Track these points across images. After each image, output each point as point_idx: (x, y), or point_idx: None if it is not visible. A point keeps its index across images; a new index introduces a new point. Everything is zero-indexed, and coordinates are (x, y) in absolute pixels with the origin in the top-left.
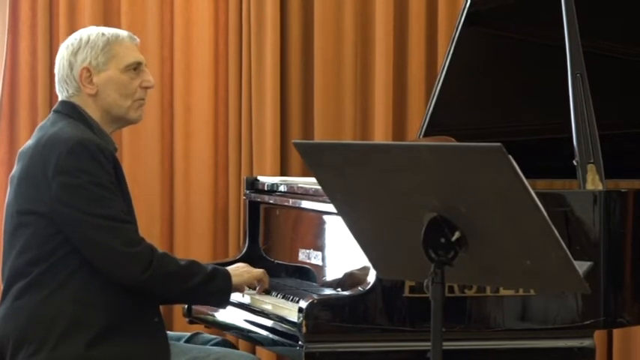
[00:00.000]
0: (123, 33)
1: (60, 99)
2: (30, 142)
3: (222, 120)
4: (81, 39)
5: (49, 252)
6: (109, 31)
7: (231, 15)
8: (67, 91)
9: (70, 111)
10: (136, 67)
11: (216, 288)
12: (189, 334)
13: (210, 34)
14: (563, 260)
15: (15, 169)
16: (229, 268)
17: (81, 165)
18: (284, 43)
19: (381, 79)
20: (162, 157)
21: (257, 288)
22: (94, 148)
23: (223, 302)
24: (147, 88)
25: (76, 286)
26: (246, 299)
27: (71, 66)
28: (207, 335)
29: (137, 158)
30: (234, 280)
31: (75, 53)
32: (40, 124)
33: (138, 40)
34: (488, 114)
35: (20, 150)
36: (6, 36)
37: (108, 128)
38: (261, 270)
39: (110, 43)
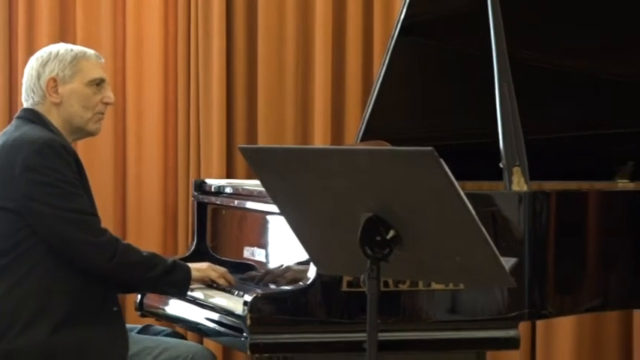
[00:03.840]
0: (90, 51)
1: (25, 105)
2: None
3: (171, 126)
4: (50, 52)
5: (14, 245)
6: (78, 48)
7: (180, 27)
8: (33, 99)
9: (33, 117)
10: (99, 83)
11: (175, 279)
12: (140, 326)
13: (160, 46)
14: (491, 257)
15: None
16: (192, 264)
17: (48, 163)
18: (229, 53)
19: (320, 87)
20: (116, 161)
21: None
22: (60, 147)
23: (182, 293)
24: (107, 103)
25: (39, 277)
26: (194, 293)
27: (39, 76)
28: (157, 327)
29: (92, 161)
30: (194, 274)
31: (44, 65)
32: (3, 130)
33: (103, 59)
34: (422, 120)
35: None
36: None
37: (68, 138)
38: (223, 268)
39: (77, 58)
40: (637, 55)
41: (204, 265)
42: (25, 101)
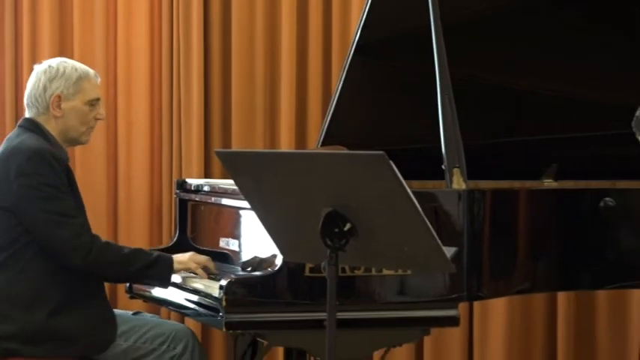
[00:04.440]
0: (91, 72)
1: (26, 114)
2: None
3: (156, 132)
4: (57, 69)
5: (12, 241)
6: (81, 68)
7: (164, 48)
8: (37, 108)
9: (32, 126)
10: (95, 102)
11: (156, 273)
12: (132, 312)
13: (147, 63)
14: (434, 246)
15: None
16: (176, 255)
17: (37, 169)
18: (207, 70)
19: (286, 98)
20: (108, 163)
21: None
22: (48, 156)
23: (164, 284)
24: (99, 119)
25: (35, 269)
26: (176, 279)
27: (45, 89)
28: (147, 315)
29: (87, 164)
30: (176, 266)
31: (51, 80)
32: (7, 136)
33: (99, 78)
34: (375, 127)
35: None
36: None
37: (62, 145)
38: (204, 257)
39: (81, 79)
40: (558, 73)
41: (185, 256)
42: (28, 107)
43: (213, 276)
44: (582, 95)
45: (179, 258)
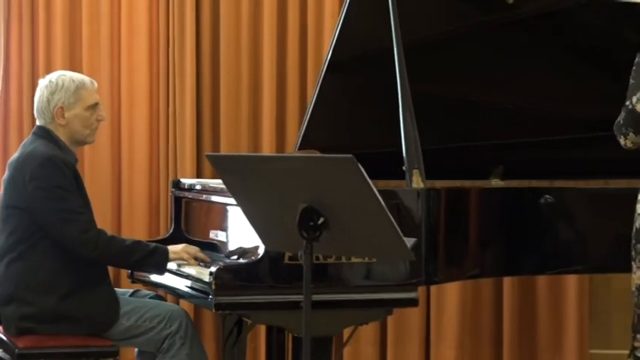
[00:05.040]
0: (86, 80)
1: (37, 123)
2: (15, 155)
3: (155, 138)
4: (57, 83)
5: (29, 235)
6: (78, 78)
7: (161, 66)
8: (44, 119)
9: (44, 134)
10: (94, 106)
11: (153, 262)
12: (131, 290)
13: (146, 78)
14: (396, 238)
15: (5, 175)
16: (171, 246)
17: (47, 174)
18: (198, 87)
19: (267, 108)
20: (112, 165)
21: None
22: (58, 161)
23: (160, 272)
24: (100, 120)
25: (49, 260)
26: (172, 266)
27: (49, 102)
28: (144, 291)
29: (94, 166)
30: (171, 256)
31: (52, 93)
32: (23, 142)
33: (96, 84)
34: (345, 134)
35: (9, 161)
36: (0, 80)
37: (72, 147)
38: (195, 248)
39: (79, 89)
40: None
41: (179, 247)
42: (38, 118)
43: (203, 264)
44: (526, 106)
45: (173, 249)
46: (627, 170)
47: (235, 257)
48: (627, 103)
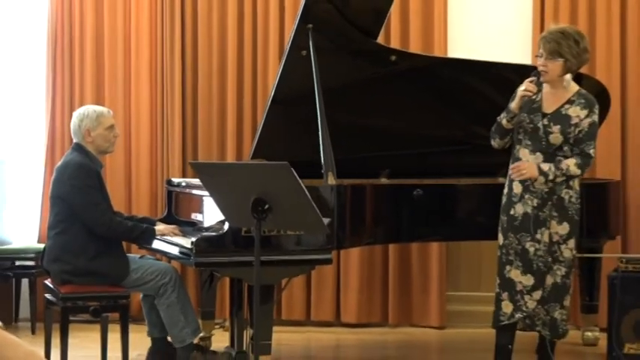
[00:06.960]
0: (104, 110)
1: (74, 140)
2: (59, 162)
3: (154, 149)
4: (84, 113)
5: (67, 217)
6: (98, 109)
7: (158, 98)
8: (78, 137)
9: (78, 148)
10: (111, 127)
11: (146, 237)
12: (139, 255)
13: (147, 107)
14: (317, 218)
15: (53, 176)
16: (158, 226)
17: (80, 175)
18: (184, 113)
19: (231, 128)
20: (125, 170)
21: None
22: (87, 167)
23: (149, 244)
24: (116, 137)
25: (82, 233)
26: (167, 237)
27: (79, 127)
28: (148, 256)
29: (113, 171)
30: (157, 233)
31: (81, 120)
32: (65, 154)
33: (112, 112)
34: (284, 147)
35: (56, 166)
36: (50, 110)
37: (98, 156)
38: (174, 226)
39: (99, 117)
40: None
41: (162, 227)
42: (73, 136)
43: (182, 235)
44: (404, 128)
45: (158, 228)
46: (473, 172)
47: (209, 231)
48: (498, 118)
